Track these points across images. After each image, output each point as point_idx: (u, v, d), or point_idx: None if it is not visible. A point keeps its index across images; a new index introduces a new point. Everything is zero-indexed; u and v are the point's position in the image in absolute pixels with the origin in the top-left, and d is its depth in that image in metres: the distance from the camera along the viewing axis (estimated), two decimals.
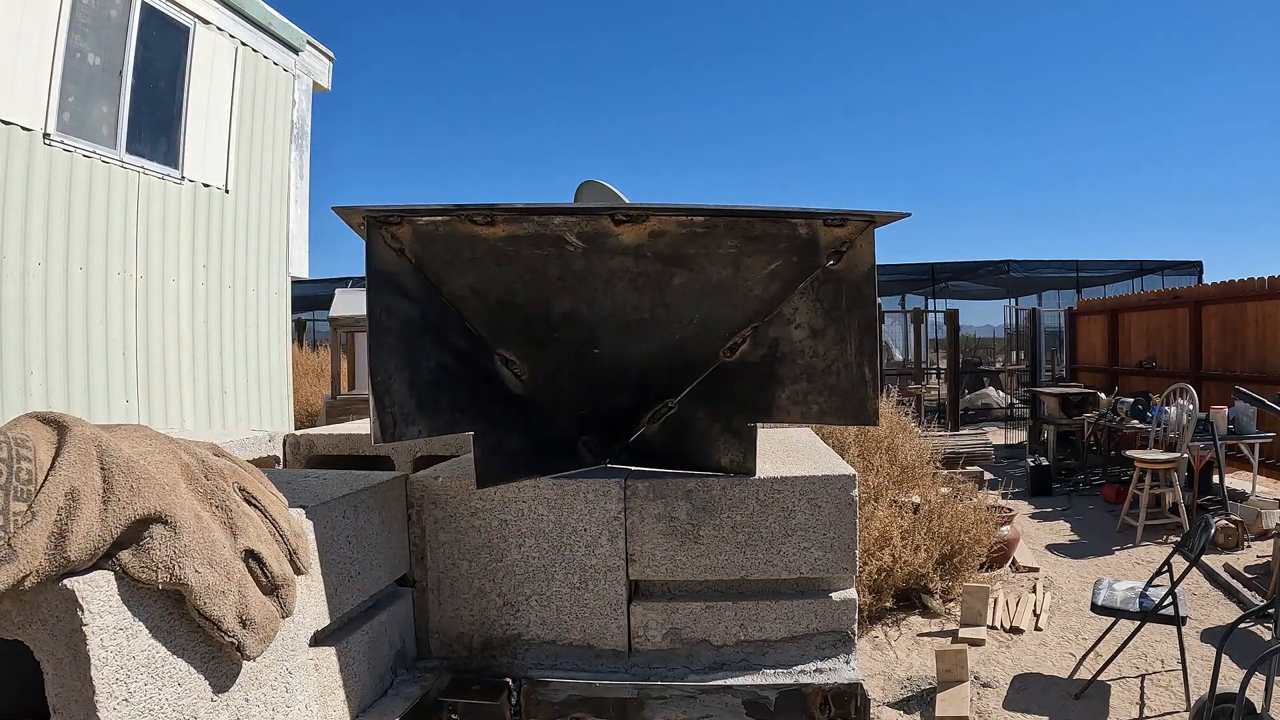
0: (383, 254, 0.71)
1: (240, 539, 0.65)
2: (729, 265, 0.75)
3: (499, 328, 0.78)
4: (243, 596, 0.64)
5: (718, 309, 0.76)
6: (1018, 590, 4.84)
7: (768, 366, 0.76)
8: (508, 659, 0.82)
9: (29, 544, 0.52)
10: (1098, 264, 15.94)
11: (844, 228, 0.73)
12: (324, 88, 6.78)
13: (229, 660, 0.58)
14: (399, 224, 0.71)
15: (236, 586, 0.64)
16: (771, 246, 0.74)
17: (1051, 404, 8.80)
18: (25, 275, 4.28)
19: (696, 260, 0.73)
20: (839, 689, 0.77)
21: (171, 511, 0.62)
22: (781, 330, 0.76)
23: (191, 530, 0.63)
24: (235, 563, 0.65)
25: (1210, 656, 3.59)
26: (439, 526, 0.83)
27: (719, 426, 0.78)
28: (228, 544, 0.65)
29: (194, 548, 0.62)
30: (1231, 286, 8.77)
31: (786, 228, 0.73)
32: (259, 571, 0.67)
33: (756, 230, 0.73)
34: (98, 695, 0.46)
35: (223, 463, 0.67)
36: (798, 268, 0.74)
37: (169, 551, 0.59)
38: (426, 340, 0.74)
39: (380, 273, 0.72)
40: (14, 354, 4.24)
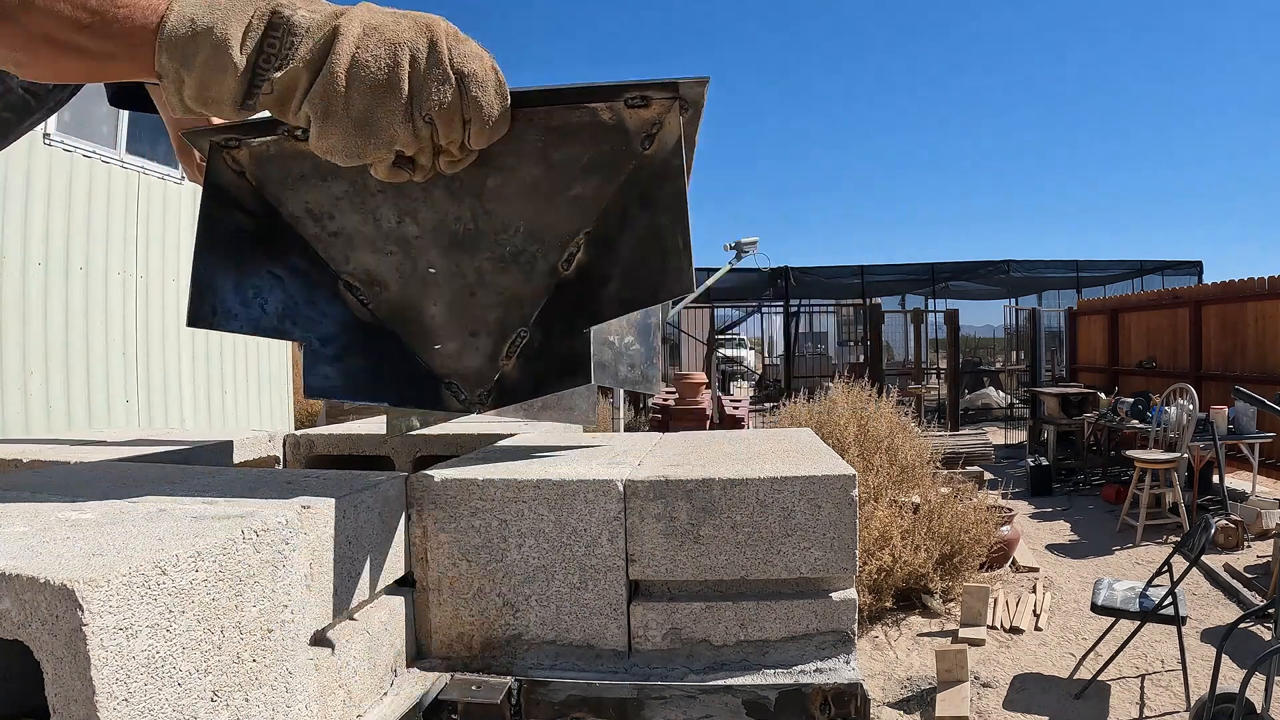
0: (222, 173, 0.74)
1: None
2: (539, 163, 0.70)
3: (336, 249, 0.76)
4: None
5: (543, 214, 0.72)
6: (1018, 590, 4.84)
7: (598, 269, 0.72)
8: (508, 659, 0.82)
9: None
10: (1098, 264, 15.95)
11: (649, 108, 0.68)
12: None
13: (234, 658, 0.58)
14: (237, 147, 0.73)
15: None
16: (577, 137, 0.69)
17: (1051, 404, 8.81)
18: (25, 275, 4.28)
19: (503, 158, 0.69)
20: (839, 689, 0.77)
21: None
22: (609, 229, 0.71)
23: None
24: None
25: (1210, 656, 3.59)
26: (439, 526, 0.82)
27: (565, 344, 0.73)
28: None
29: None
30: (1231, 286, 8.77)
31: (588, 114, 0.69)
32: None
33: (556, 120, 0.69)
34: (98, 695, 0.46)
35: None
36: (612, 158, 0.69)
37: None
38: (259, 252, 0.75)
39: (216, 186, 0.73)
40: (14, 354, 4.24)
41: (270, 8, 0.59)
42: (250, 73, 0.59)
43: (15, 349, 4.25)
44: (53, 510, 0.68)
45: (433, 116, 0.61)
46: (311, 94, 0.59)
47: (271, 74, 0.59)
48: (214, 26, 0.58)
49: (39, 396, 4.36)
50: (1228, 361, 8.66)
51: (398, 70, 0.59)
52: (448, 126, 0.62)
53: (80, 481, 0.84)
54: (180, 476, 0.87)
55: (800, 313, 16.40)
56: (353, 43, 0.58)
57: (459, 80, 0.60)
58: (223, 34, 0.58)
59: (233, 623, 0.57)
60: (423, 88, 0.60)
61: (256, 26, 0.59)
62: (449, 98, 0.60)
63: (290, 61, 0.59)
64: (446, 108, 0.61)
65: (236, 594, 0.58)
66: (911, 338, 14.13)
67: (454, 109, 0.61)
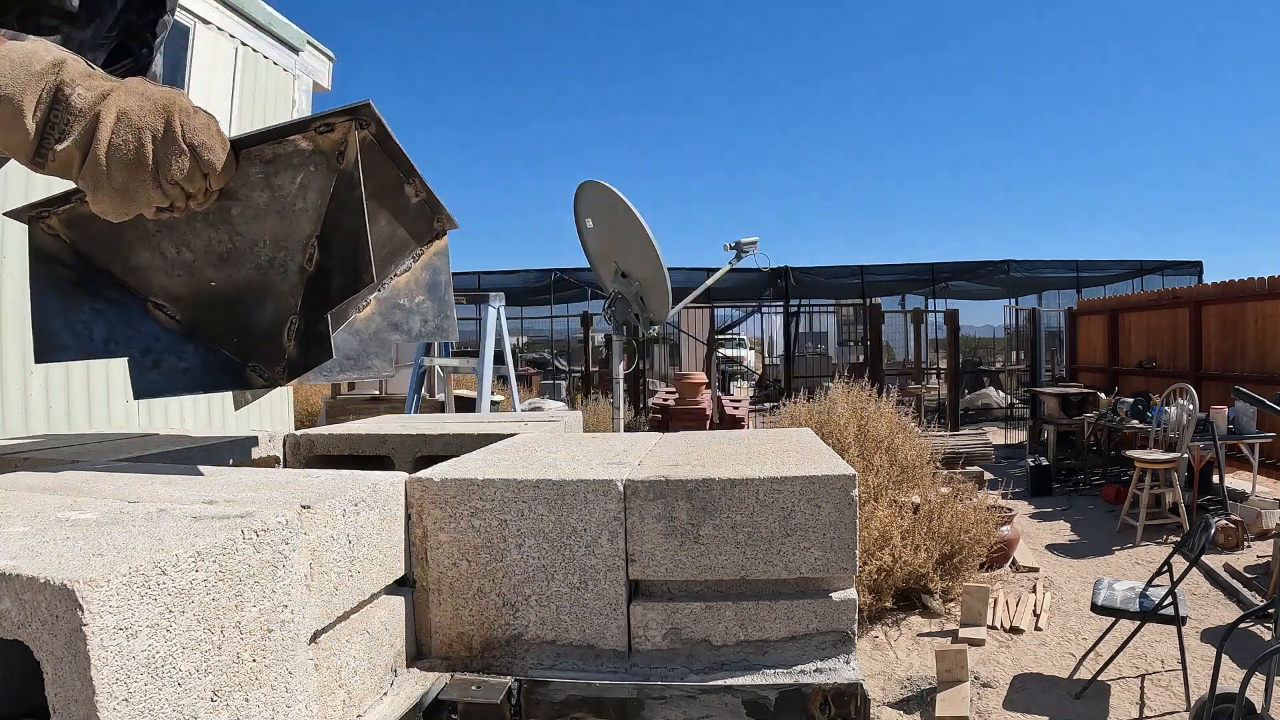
0: (41, 239, 0.94)
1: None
2: (265, 188, 0.86)
3: (139, 279, 0.94)
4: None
5: (280, 227, 0.88)
6: (1018, 590, 4.84)
7: (326, 264, 0.88)
8: (508, 659, 0.82)
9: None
10: (1098, 264, 15.94)
11: (335, 131, 0.83)
12: (324, 88, 6.78)
13: (228, 656, 0.58)
14: (48, 216, 0.92)
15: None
16: (289, 163, 0.85)
17: (1051, 404, 8.80)
18: (25, 275, 4.27)
19: (239, 190, 0.86)
20: (839, 689, 0.77)
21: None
22: (329, 230, 0.87)
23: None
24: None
25: (1210, 656, 3.59)
26: (439, 526, 0.82)
27: (319, 325, 0.88)
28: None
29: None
30: (1231, 286, 8.77)
31: (291, 145, 0.85)
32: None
33: (269, 154, 0.85)
34: (98, 695, 0.46)
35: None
36: (319, 175, 0.84)
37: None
38: (82, 294, 0.94)
39: (37, 250, 0.94)
40: (14, 354, 4.24)
41: (56, 84, 0.75)
42: (39, 137, 0.75)
43: (15, 349, 4.24)
44: (53, 510, 0.68)
45: (175, 179, 0.79)
46: (83, 170, 0.77)
47: (54, 144, 0.76)
48: (13, 96, 0.74)
49: (39, 396, 4.36)
50: (1228, 361, 8.65)
51: (143, 150, 0.77)
52: (189, 183, 0.80)
53: (80, 481, 0.84)
54: (180, 477, 0.87)
55: (800, 313, 16.40)
56: (109, 129, 0.76)
57: (191, 149, 0.79)
58: (19, 103, 0.74)
59: (233, 623, 0.57)
60: (164, 160, 0.78)
61: (45, 99, 0.75)
62: (185, 164, 0.78)
63: (68, 138, 0.76)
64: (185, 172, 0.79)
65: (236, 594, 0.58)
66: (911, 338, 14.13)
67: (192, 171, 0.79)
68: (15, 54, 0.75)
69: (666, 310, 4.31)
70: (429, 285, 1.12)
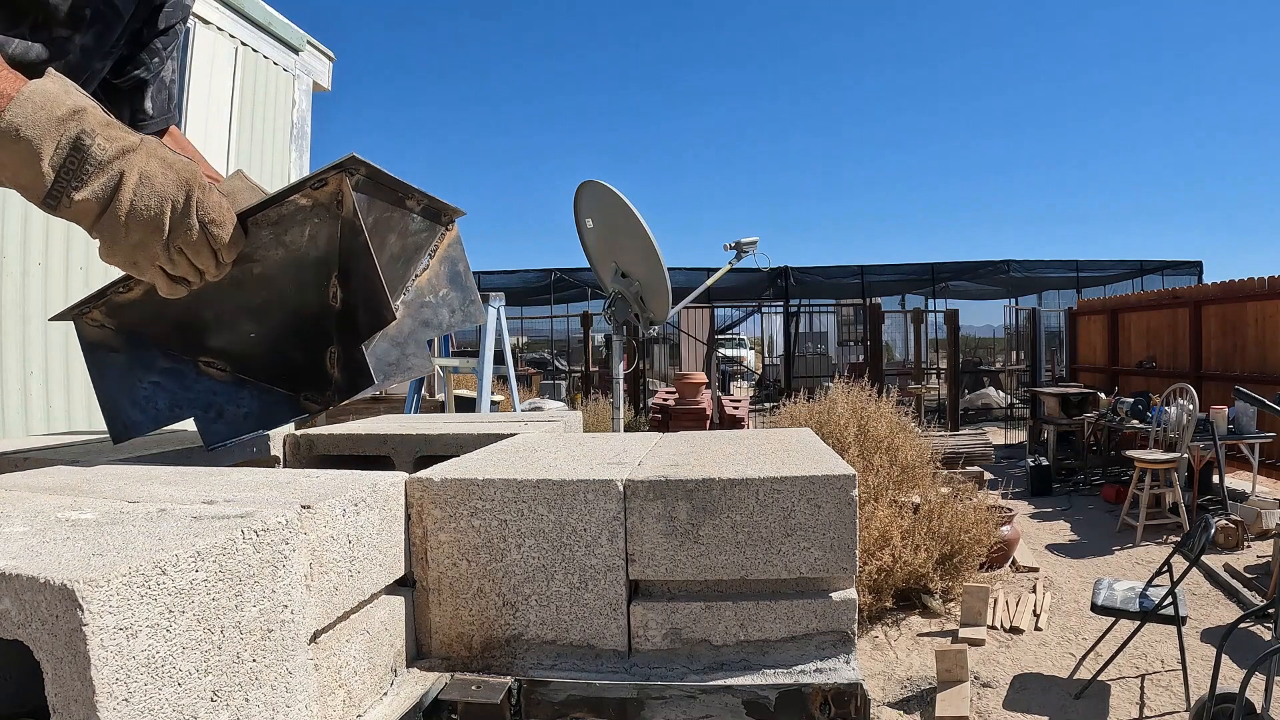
0: (88, 332, 1.02)
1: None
2: (278, 246, 0.92)
3: (186, 345, 1.01)
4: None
5: (300, 276, 0.94)
6: (1018, 590, 4.84)
7: (351, 301, 0.94)
8: (508, 659, 0.82)
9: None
10: (1098, 264, 15.95)
11: (329, 185, 0.89)
12: (324, 88, 6.78)
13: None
14: (90, 312, 1.00)
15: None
16: (294, 220, 0.91)
17: (1051, 404, 8.81)
18: (25, 275, 4.28)
19: (255, 252, 0.92)
20: (839, 689, 0.77)
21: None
22: (346, 271, 0.94)
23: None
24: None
25: (1210, 656, 3.59)
26: (439, 526, 0.83)
27: (356, 353, 0.95)
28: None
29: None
30: (1231, 286, 8.77)
31: (291, 205, 0.90)
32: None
33: (273, 216, 0.91)
34: (98, 695, 0.46)
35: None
36: (326, 224, 0.90)
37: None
38: (138, 371, 1.01)
39: (88, 343, 1.02)
40: (14, 354, 4.24)
41: (76, 134, 0.78)
42: (55, 181, 0.78)
43: (15, 349, 4.24)
44: (53, 510, 0.68)
45: (183, 248, 0.85)
46: (101, 223, 0.80)
47: (72, 192, 0.78)
48: (32, 139, 0.76)
49: (39, 396, 4.36)
50: (1228, 361, 8.65)
51: (161, 217, 0.82)
52: (196, 254, 0.85)
53: (80, 481, 0.84)
54: (180, 477, 0.87)
55: (800, 313, 16.40)
56: (131, 190, 0.80)
57: (202, 225, 0.85)
58: (37, 146, 0.76)
59: (233, 623, 0.57)
60: (177, 229, 0.83)
61: (64, 146, 0.77)
62: (194, 237, 0.84)
63: (86, 186, 0.78)
64: (191, 244, 0.85)
65: (236, 594, 0.58)
66: (911, 338, 14.12)
67: (200, 243, 0.85)
68: (37, 96, 0.77)
69: (666, 310, 4.31)
70: (450, 276, 1.17)
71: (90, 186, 0.79)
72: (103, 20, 1.00)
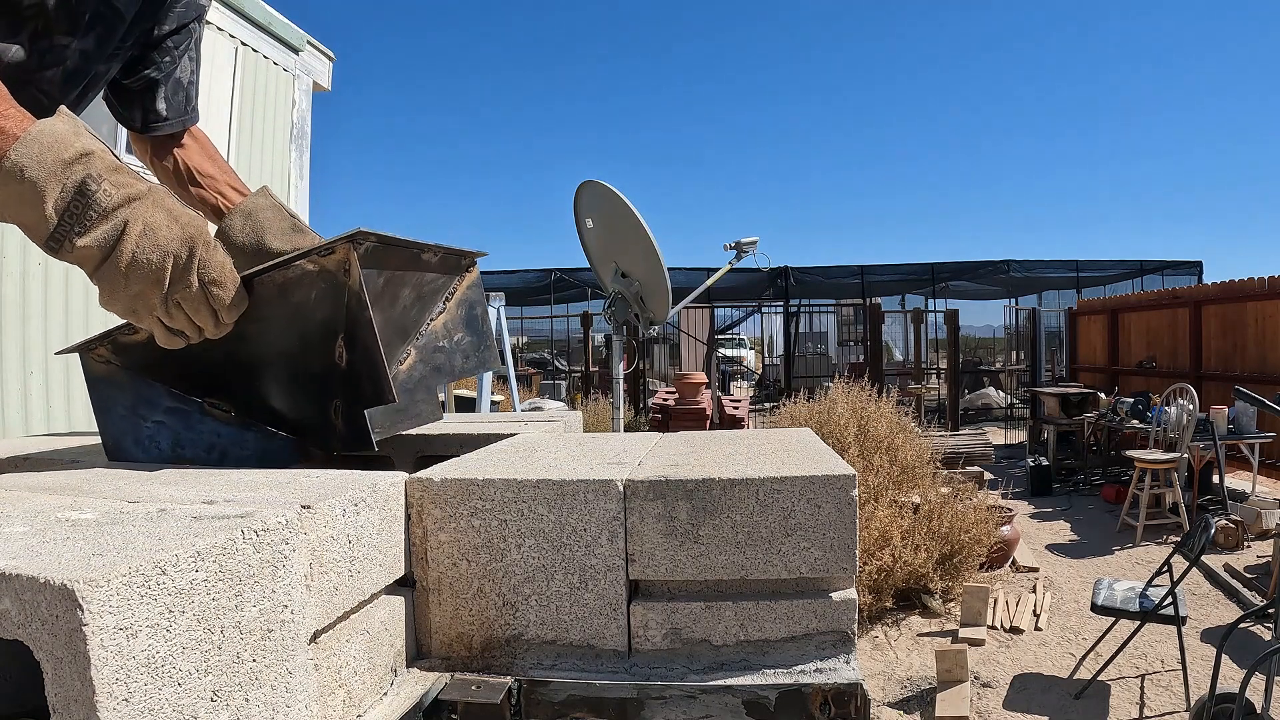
0: (94, 368, 1.02)
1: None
2: (284, 305, 0.93)
3: (192, 386, 1.01)
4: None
5: (306, 335, 0.94)
6: (1018, 590, 4.84)
7: (354, 366, 0.93)
8: (508, 659, 0.82)
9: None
10: (1098, 264, 15.94)
11: (336, 253, 0.89)
12: (324, 88, 6.78)
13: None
14: (97, 348, 1.01)
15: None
16: (301, 283, 0.91)
17: (1051, 404, 8.80)
18: (25, 275, 4.27)
19: (260, 309, 0.92)
20: (839, 689, 0.77)
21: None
22: (351, 335, 0.93)
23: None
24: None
25: (1210, 656, 3.59)
26: (439, 526, 0.83)
27: (361, 419, 0.95)
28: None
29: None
30: (1231, 286, 8.77)
31: (299, 269, 0.91)
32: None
33: (280, 278, 0.92)
34: (98, 695, 0.46)
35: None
36: (331, 289, 0.90)
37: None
38: (142, 410, 1.01)
39: (93, 378, 1.02)
40: (14, 354, 4.24)
41: (82, 178, 0.77)
42: (58, 225, 0.77)
43: (15, 349, 4.24)
44: (53, 510, 0.68)
45: (180, 303, 0.84)
46: (102, 271, 0.80)
47: (75, 237, 0.78)
48: (37, 181, 0.75)
49: (39, 396, 4.36)
50: (1228, 361, 8.65)
51: (162, 271, 0.81)
52: (195, 312, 0.85)
53: (80, 481, 0.84)
54: (180, 477, 0.87)
55: (800, 313, 16.40)
56: (134, 242, 0.80)
57: (201, 283, 0.84)
58: (41, 189, 0.76)
59: (233, 623, 0.57)
60: (176, 285, 0.83)
61: (69, 190, 0.77)
62: (193, 294, 0.84)
63: (89, 233, 0.78)
64: (190, 300, 0.84)
65: (236, 594, 0.58)
66: (911, 338, 14.12)
67: (197, 300, 0.85)
68: (45, 137, 0.76)
69: (666, 310, 4.31)
70: (466, 320, 1.16)
71: (93, 233, 0.78)
72: (103, 23, 1.00)
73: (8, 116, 0.78)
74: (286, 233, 1.20)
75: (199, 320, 0.86)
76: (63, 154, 0.77)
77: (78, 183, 0.77)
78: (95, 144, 0.80)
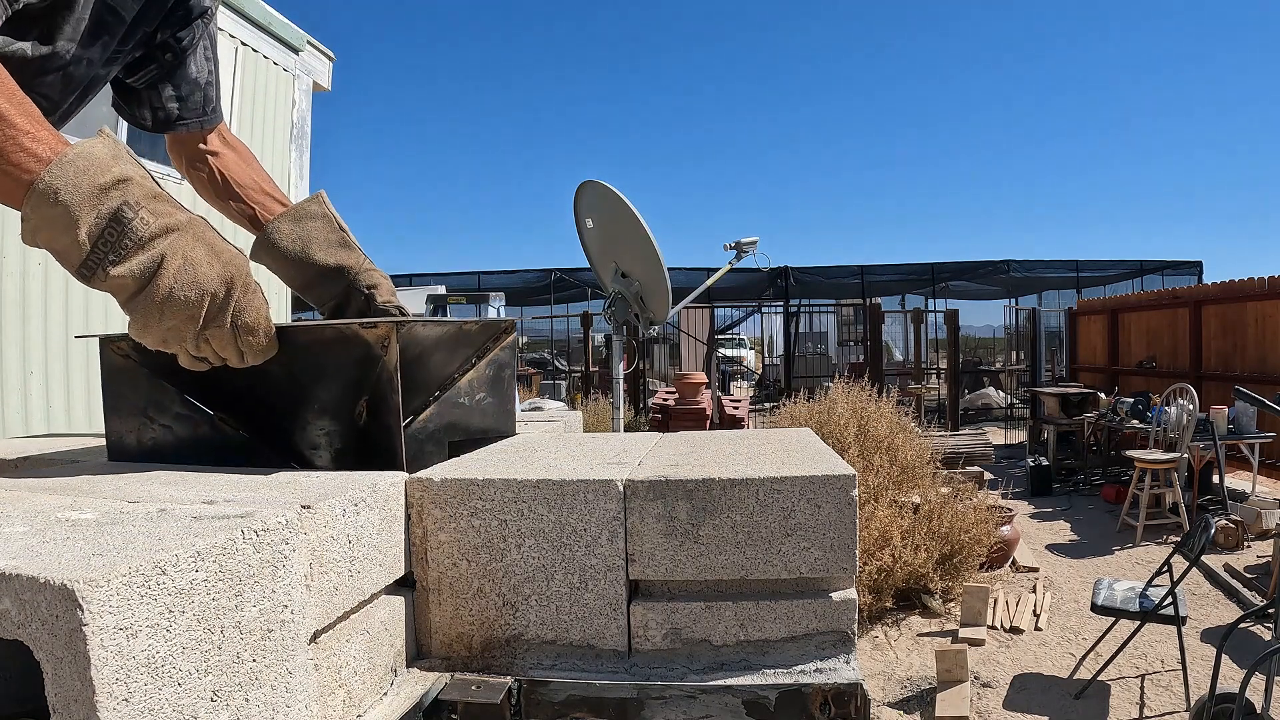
0: (113, 360, 1.00)
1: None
2: (315, 356, 0.93)
3: (206, 397, 1.00)
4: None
5: (332, 384, 0.95)
6: (1018, 590, 4.84)
7: (371, 428, 0.92)
8: (508, 659, 0.82)
9: None
10: (1098, 264, 15.95)
11: (379, 329, 0.89)
12: (324, 87, 6.78)
13: (231, 656, 0.58)
14: (120, 340, 0.98)
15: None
16: (335, 344, 0.92)
17: (1051, 404, 8.80)
18: (25, 275, 4.28)
19: (289, 355, 0.92)
20: (839, 689, 0.77)
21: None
22: (375, 402, 0.93)
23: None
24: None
25: (1210, 656, 3.59)
26: (439, 527, 0.83)
27: (367, 464, 0.93)
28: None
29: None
30: (1231, 286, 8.77)
31: (335, 331, 0.92)
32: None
33: (315, 335, 0.93)
34: (98, 695, 0.46)
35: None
36: (365, 357, 0.90)
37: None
38: (150, 411, 1.00)
39: (110, 369, 1.00)
40: (14, 354, 4.25)
41: (118, 205, 0.75)
42: (91, 252, 0.75)
43: (15, 349, 4.25)
44: (53, 510, 0.68)
45: (209, 339, 0.83)
46: (136, 303, 0.78)
47: (109, 265, 0.76)
48: (70, 206, 0.73)
49: (39, 396, 4.36)
50: (1228, 361, 8.65)
51: (199, 309, 0.80)
52: (221, 348, 0.84)
53: (80, 481, 0.84)
54: (180, 477, 0.87)
55: (800, 313, 16.39)
56: (172, 276, 0.78)
57: (234, 324, 0.83)
58: (75, 214, 0.74)
59: (233, 623, 0.57)
60: (210, 322, 0.82)
61: (104, 216, 0.75)
62: (224, 334, 0.83)
63: (124, 262, 0.76)
64: (220, 339, 0.83)
65: (236, 594, 0.58)
66: (911, 338, 14.12)
67: (227, 340, 0.84)
68: (81, 160, 0.74)
69: (666, 310, 4.31)
70: (491, 381, 1.15)
71: (128, 263, 0.76)
72: (105, 28, 0.99)
73: (40, 139, 0.76)
74: (333, 246, 1.17)
75: (224, 355, 0.86)
76: (99, 179, 0.75)
77: (113, 209, 0.75)
78: (135, 169, 0.78)
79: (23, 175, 0.74)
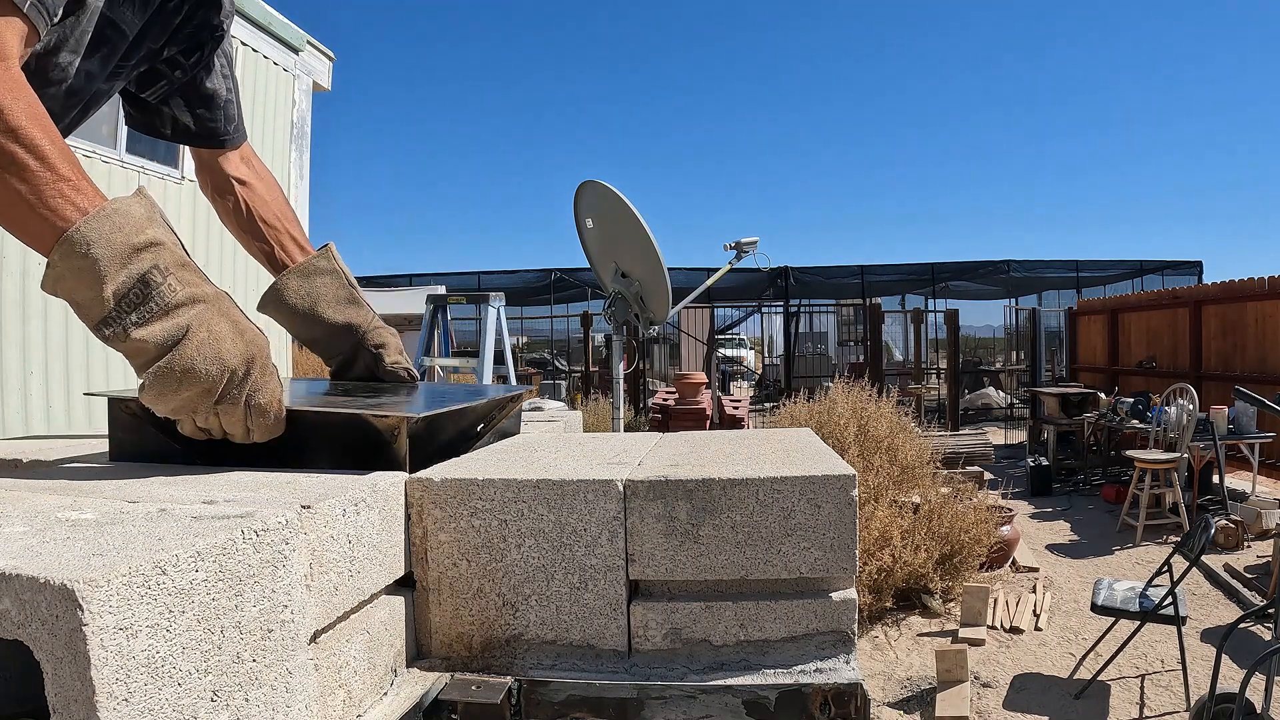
0: (121, 419, 1.01)
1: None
2: (324, 435, 0.94)
3: (211, 463, 0.99)
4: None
5: (342, 462, 0.94)
6: (1018, 590, 4.85)
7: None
8: (508, 659, 0.82)
9: None
10: (1098, 264, 15.95)
11: (390, 419, 0.90)
12: (324, 88, 6.78)
13: (230, 657, 0.58)
14: (131, 401, 0.98)
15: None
16: (345, 427, 0.92)
17: (1051, 404, 8.81)
18: (25, 275, 4.27)
19: (299, 431, 0.92)
20: (839, 689, 0.77)
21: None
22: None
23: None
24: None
25: (1210, 656, 3.59)
26: (439, 527, 0.83)
27: None
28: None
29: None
30: (1231, 286, 8.77)
31: (342, 418, 0.93)
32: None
33: (326, 419, 0.94)
34: (98, 695, 0.46)
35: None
36: (376, 444, 0.91)
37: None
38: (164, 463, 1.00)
39: (117, 425, 1.01)
40: (14, 354, 4.25)
41: (148, 268, 0.75)
42: (113, 309, 0.75)
43: (15, 349, 4.25)
44: (53, 510, 0.68)
45: (220, 413, 0.83)
46: (155, 369, 0.77)
47: (131, 326, 0.75)
48: (100, 260, 0.73)
49: (39, 396, 4.37)
50: (1228, 361, 8.65)
51: (217, 384, 0.80)
52: (230, 424, 0.84)
53: (80, 481, 0.84)
54: (180, 477, 0.87)
55: (800, 313, 16.40)
56: (195, 348, 0.78)
57: (247, 403, 0.83)
58: (103, 269, 0.73)
59: (233, 623, 0.57)
60: (223, 397, 0.81)
61: (132, 276, 0.75)
62: (237, 412, 0.83)
63: (146, 325, 0.76)
64: (230, 414, 0.83)
65: (236, 594, 0.58)
66: (911, 338, 14.13)
67: (238, 417, 0.84)
68: (118, 217, 0.74)
69: (666, 310, 4.31)
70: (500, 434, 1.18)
71: (151, 327, 0.76)
72: (107, 43, 0.99)
73: (81, 189, 0.75)
74: (341, 303, 1.17)
75: (231, 431, 0.85)
76: (133, 238, 0.74)
77: (143, 271, 0.75)
78: (167, 235, 0.78)
79: (58, 222, 0.73)
